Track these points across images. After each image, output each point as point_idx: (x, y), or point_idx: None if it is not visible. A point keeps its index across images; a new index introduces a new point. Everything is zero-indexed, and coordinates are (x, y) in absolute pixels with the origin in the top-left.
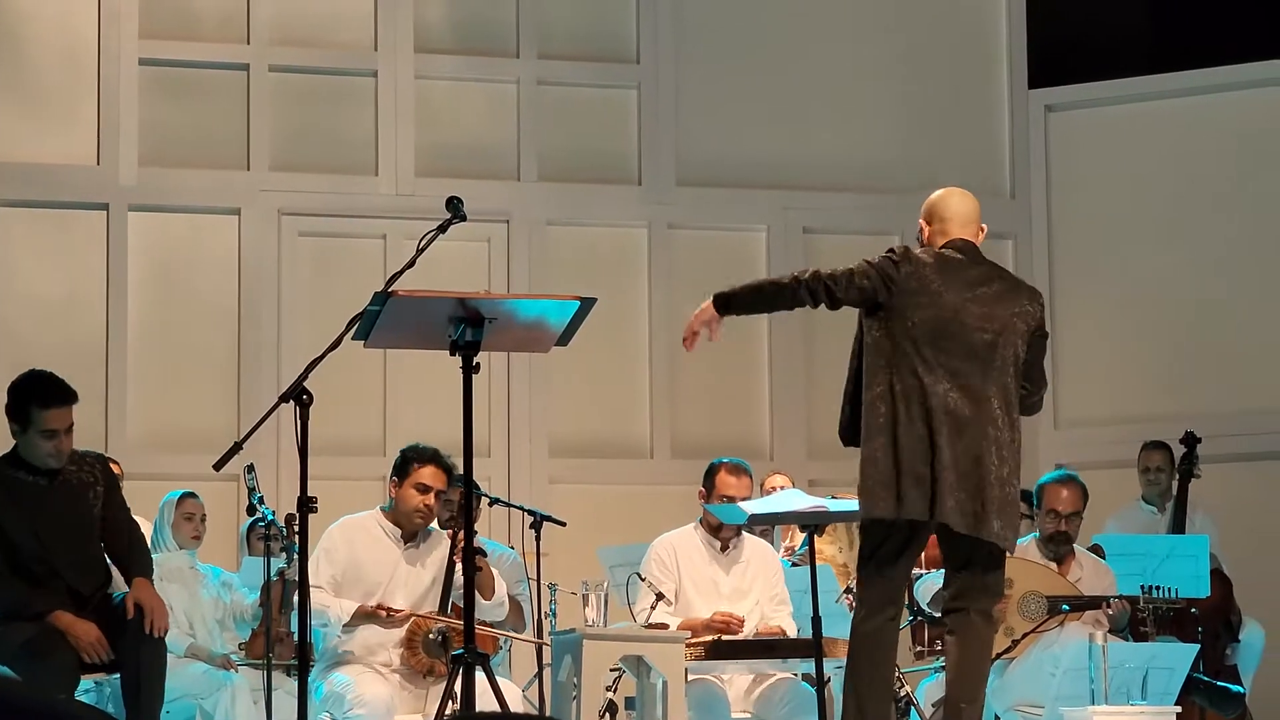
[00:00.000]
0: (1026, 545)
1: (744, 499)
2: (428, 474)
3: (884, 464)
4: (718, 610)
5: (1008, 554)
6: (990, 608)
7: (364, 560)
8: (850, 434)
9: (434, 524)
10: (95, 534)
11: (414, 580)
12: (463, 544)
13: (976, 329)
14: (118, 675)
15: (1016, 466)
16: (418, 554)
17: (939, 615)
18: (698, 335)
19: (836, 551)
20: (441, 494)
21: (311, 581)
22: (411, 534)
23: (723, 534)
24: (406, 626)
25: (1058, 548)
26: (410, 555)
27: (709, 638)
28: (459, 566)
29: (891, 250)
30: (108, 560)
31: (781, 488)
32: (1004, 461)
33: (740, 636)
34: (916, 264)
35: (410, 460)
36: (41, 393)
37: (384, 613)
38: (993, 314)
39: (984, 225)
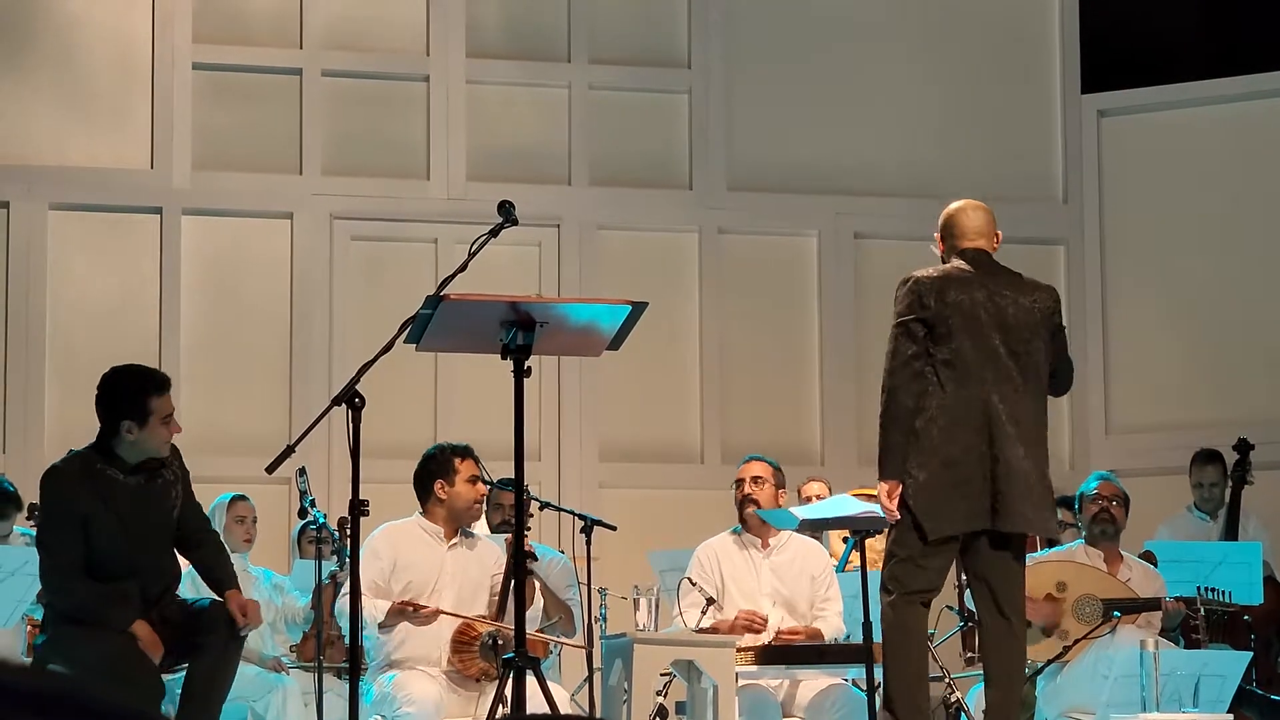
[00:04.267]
0: (1074, 550)
1: (755, 477)
2: (471, 465)
3: (944, 482)
4: (741, 609)
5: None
6: (1022, 607)
7: (410, 562)
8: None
9: (475, 526)
10: (171, 538)
11: (461, 578)
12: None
13: (1001, 335)
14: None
15: (1046, 457)
16: (461, 553)
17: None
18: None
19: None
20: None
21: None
22: (453, 533)
23: (772, 535)
24: (454, 630)
25: (1103, 528)
26: (454, 554)
27: (759, 643)
28: None
29: (907, 289)
30: (178, 561)
31: (819, 496)
32: (1041, 458)
33: (789, 640)
34: (933, 290)
35: (451, 458)
36: (154, 380)
37: (411, 608)
38: (1013, 317)
39: (999, 232)
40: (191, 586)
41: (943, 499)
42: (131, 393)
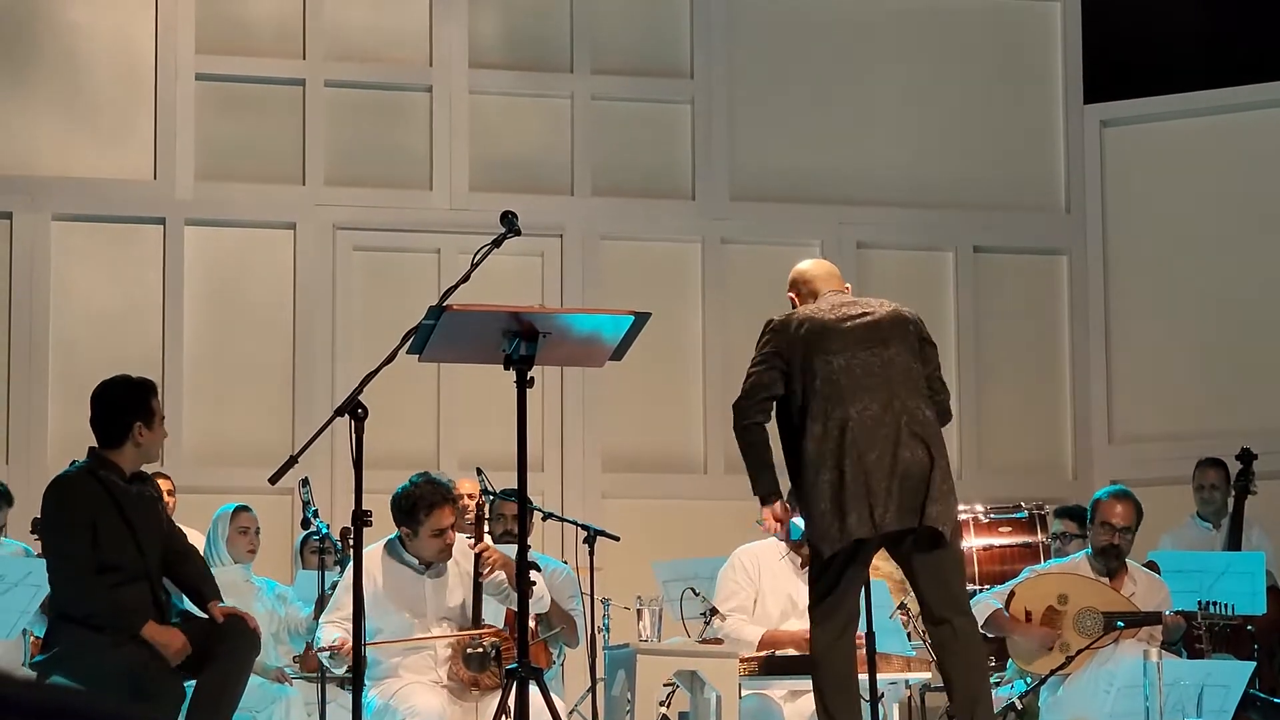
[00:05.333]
0: (1079, 561)
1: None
2: (440, 517)
3: (823, 499)
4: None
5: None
6: (967, 607)
7: (391, 595)
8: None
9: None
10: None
11: (445, 601)
12: (484, 555)
13: (864, 351)
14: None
15: (941, 455)
16: (441, 577)
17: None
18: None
19: (893, 569)
20: (454, 525)
21: (326, 618)
22: (429, 562)
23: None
24: (453, 642)
25: (1108, 562)
26: (434, 579)
27: (764, 653)
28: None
29: (766, 330)
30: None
31: None
32: (924, 454)
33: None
34: (791, 326)
35: (416, 510)
36: (147, 382)
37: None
38: (874, 333)
39: (848, 285)
40: None
41: (821, 516)
42: (137, 395)
